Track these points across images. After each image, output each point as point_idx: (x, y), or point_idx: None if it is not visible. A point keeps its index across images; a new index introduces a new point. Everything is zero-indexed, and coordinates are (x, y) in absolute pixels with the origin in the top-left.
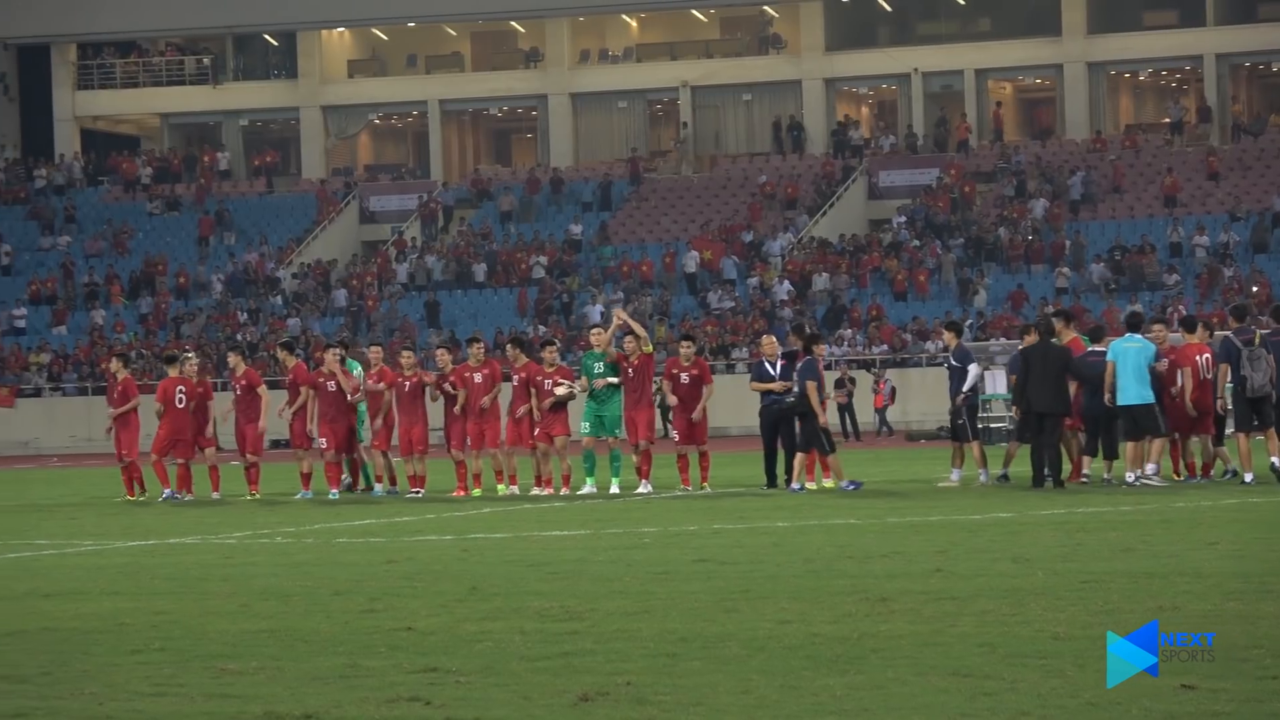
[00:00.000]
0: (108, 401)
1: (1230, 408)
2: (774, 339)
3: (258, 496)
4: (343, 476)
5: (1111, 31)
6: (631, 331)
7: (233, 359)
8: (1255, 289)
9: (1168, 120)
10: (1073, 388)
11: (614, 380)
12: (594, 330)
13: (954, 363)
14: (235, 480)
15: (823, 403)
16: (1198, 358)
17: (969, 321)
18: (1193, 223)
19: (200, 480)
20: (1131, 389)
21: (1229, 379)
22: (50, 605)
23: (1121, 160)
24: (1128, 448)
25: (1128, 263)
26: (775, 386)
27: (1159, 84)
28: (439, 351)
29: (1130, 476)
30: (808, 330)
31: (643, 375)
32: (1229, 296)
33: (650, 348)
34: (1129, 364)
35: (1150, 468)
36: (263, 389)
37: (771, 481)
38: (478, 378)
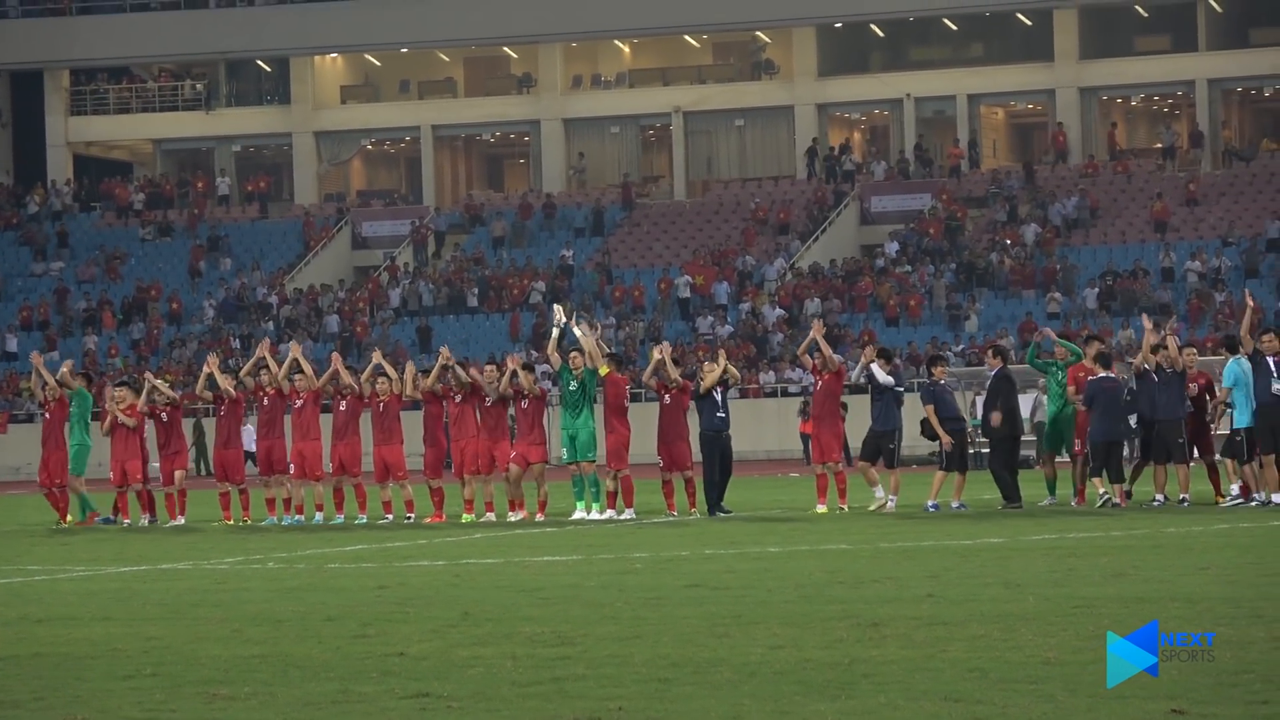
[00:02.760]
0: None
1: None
2: (714, 366)
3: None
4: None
5: (1103, 57)
6: (578, 346)
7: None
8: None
9: (1159, 145)
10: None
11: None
12: (573, 354)
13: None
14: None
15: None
16: None
17: (960, 347)
18: (1185, 248)
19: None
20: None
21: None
22: (42, 630)
23: (1113, 185)
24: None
25: (1119, 287)
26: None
27: (1151, 109)
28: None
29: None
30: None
31: (607, 398)
32: (1220, 322)
33: (605, 370)
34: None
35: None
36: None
37: (713, 510)
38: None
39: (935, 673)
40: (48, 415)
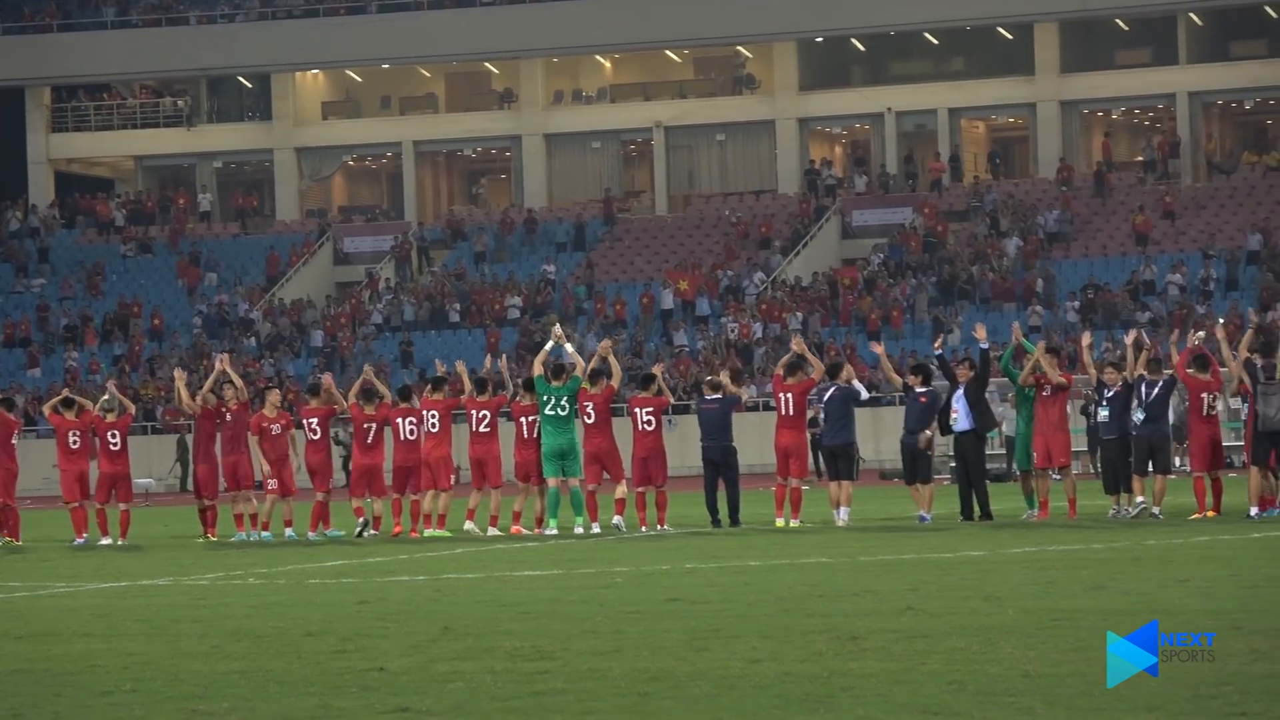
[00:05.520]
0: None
1: None
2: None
3: (214, 539)
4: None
5: (1084, 70)
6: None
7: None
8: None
9: (1140, 159)
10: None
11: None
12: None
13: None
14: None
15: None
16: None
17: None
18: (1166, 260)
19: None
20: None
21: None
22: (22, 647)
23: (1094, 198)
24: None
25: (1101, 300)
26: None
27: (1132, 122)
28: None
29: None
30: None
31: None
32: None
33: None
34: None
35: None
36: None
37: (716, 520)
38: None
39: (914, 685)
40: None
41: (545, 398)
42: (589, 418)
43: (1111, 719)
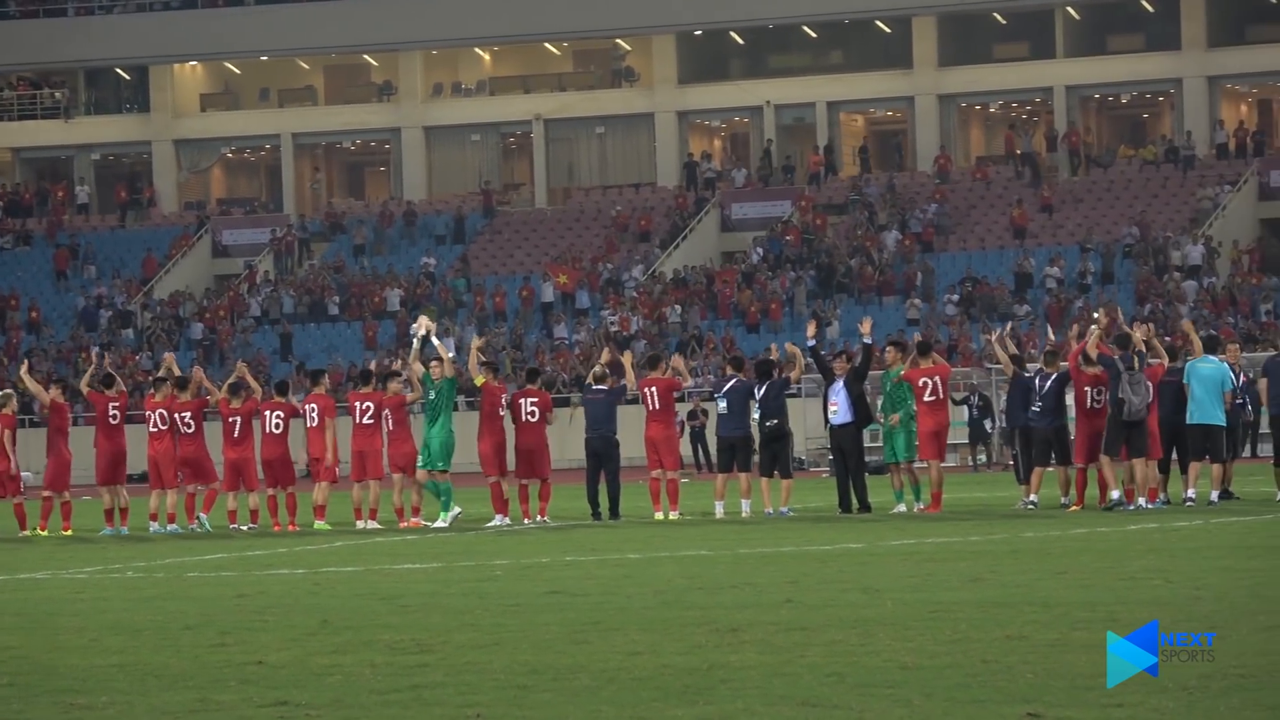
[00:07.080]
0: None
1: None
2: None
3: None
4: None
5: (962, 64)
6: (437, 356)
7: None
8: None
9: (1019, 151)
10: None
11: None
12: (432, 362)
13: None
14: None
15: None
16: None
17: (822, 352)
18: (1044, 254)
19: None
20: (1205, 409)
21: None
22: None
23: (972, 191)
24: (1193, 466)
25: (979, 294)
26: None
27: (1009, 116)
28: None
29: (1213, 495)
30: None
31: (483, 406)
32: (1084, 328)
33: (481, 379)
34: (1204, 384)
35: (1214, 494)
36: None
37: (597, 512)
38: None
39: (793, 678)
40: None
41: (452, 391)
42: (503, 410)
43: (989, 710)
